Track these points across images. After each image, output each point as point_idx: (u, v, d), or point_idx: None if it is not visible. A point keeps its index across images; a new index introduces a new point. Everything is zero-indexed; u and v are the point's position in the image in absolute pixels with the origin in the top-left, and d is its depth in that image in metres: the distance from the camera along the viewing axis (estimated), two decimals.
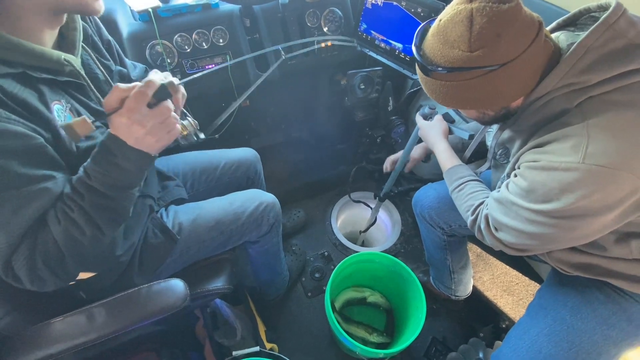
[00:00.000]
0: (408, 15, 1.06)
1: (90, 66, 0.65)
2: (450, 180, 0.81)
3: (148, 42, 1.03)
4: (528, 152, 0.58)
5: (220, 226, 0.86)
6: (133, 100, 0.51)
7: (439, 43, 0.53)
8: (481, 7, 0.48)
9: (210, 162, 1.03)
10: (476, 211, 0.71)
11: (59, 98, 0.56)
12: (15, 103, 0.48)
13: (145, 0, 1.02)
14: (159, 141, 0.55)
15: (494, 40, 0.49)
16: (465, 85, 0.54)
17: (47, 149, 0.51)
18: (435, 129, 0.91)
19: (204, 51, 1.10)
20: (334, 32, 1.23)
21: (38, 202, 0.50)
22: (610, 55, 0.50)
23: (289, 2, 1.14)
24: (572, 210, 0.51)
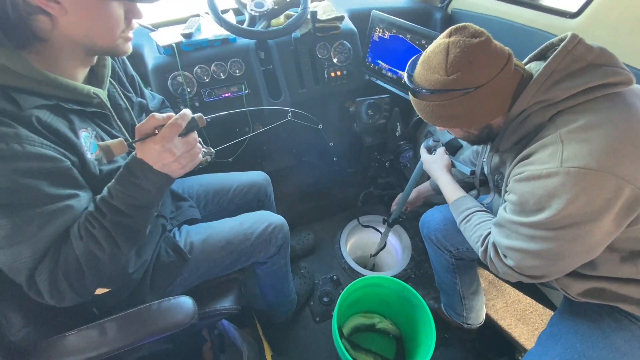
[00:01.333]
0: (412, 46, 1.12)
1: (115, 98, 0.71)
2: (457, 212, 0.83)
3: (170, 73, 1.12)
4: (515, 166, 0.63)
5: (230, 246, 0.89)
6: (168, 129, 0.55)
7: (424, 69, 0.63)
8: (456, 40, 0.58)
9: (223, 185, 1.08)
10: (485, 241, 0.72)
11: (86, 126, 0.62)
12: (48, 130, 0.53)
13: (170, 36, 1.12)
14: (183, 168, 0.60)
15: (467, 67, 0.58)
16: (446, 105, 0.62)
17: (73, 171, 0.56)
18: (438, 163, 0.95)
19: (222, 81, 1.18)
20: (343, 63, 1.30)
21: (62, 219, 0.54)
22: (573, 75, 0.58)
23: (300, 36, 1.23)
24: (565, 217, 0.54)
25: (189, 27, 1.15)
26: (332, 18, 1.22)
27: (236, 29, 1.06)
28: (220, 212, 1.06)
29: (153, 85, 1.13)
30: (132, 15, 0.59)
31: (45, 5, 0.49)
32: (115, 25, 0.57)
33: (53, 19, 0.52)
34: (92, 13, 0.54)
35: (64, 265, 0.54)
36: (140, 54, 1.18)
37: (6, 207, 0.49)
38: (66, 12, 0.51)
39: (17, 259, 0.52)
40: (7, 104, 0.49)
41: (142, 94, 0.87)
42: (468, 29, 0.59)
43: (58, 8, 0.50)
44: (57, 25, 0.53)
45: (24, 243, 0.51)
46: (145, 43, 1.19)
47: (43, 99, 0.54)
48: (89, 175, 0.60)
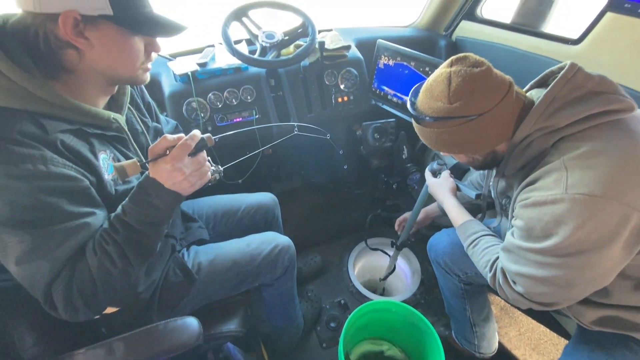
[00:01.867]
0: (417, 73, 1.16)
1: (132, 122, 0.76)
2: (464, 236, 0.83)
3: (185, 100, 1.18)
4: (521, 192, 0.64)
5: (237, 267, 0.90)
6: (178, 150, 0.58)
7: (427, 97, 0.64)
8: (457, 70, 0.60)
9: (232, 206, 1.10)
10: (493, 266, 0.72)
11: (105, 149, 0.66)
12: (70, 152, 0.57)
13: (186, 65, 1.19)
14: (192, 186, 0.63)
15: (469, 95, 0.59)
16: (449, 132, 0.63)
17: (91, 191, 0.59)
18: (443, 186, 0.96)
19: (234, 107, 1.24)
20: (350, 89, 1.35)
21: (80, 235, 0.57)
22: (574, 102, 0.59)
23: (309, 64, 1.28)
24: (573, 244, 0.54)
25: (204, 57, 1.22)
26: (339, 47, 1.28)
27: (248, 59, 1.12)
28: (229, 233, 1.08)
29: (169, 110, 1.20)
30: (152, 48, 0.65)
31: (74, 41, 0.54)
32: (136, 58, 0.62)
33: (80, 52, 0.57)
34: (116, 47, 0.58)
35: (79, 281, 0.56)
36: (158, 81, 1.25)
37: (29, 224, 0.52)
38: (93, 46, 0.56)
39: (36, 274, 0.54)
40: (35, 128, 0.53)
41: (157, 119, 0.92)
42: (469, 58, 0.62)
43: (86, 43, 0.55)
44: (83, 59, 0.58)
45: (43, 258, 0.54)
46: (162, 71, 1.26)
47: (67, 124, 0.58)
48: (105, 195, 0.63)
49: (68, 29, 0.53)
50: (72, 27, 0.53)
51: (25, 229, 0.52)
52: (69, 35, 0.53)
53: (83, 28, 0.54)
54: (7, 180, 0.50)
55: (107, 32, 0.56)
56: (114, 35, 0.57)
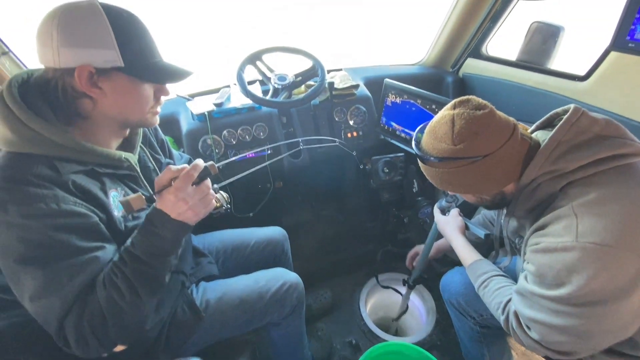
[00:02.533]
0: (424, 110, 1.19)
1: (144, 161, 0.80)
2: (474, 277, 0.81)
3: (201, 137, 1.23)
4: (531, 236, 0.63)
5: (244, 305, 0.89)
6: (181, 180, 0.60)
7: (431, 138, 0.65)
8: (460, 112, 0.62)
9: (241, 240, 1.11)
10: (506, 309, 0.69)
11: (116, 187, 0.69)
12: (81, 192, 0.60)
13: (203, 105, 1.27)
14: (196, 215, 0.64)
15: (473, 137, 0.60)
16: (455, 172, 0.63)
17: (100, 226, 0.62)
18: (451, 224, 0.95)
19: (247, 143, 1.29)
20: (359, 125, 1.39)
21: (89, 269, 0.58)
22: (580, 146, 0.59)
23: (319, 103, 1.34)
24: (588, 294, 0.52)
25: (220, 97, 1.30)
26: (348, 86, 1.33)
27: (261, 100, 1.18)
28: (238, 268, 1.08)
29: (185, 146, 1.25)
30: (161, 93, 0.70)
31: (89, 91, 0.60)
32: (146, 104, 0.67)
33: (94, 101, 0.62)
34: (127, 95, 0.63)
35: (89, 315, 0.57)
36: (177, 119, 1.32)
37: (41, 260, 0.55)
38: (106, 95, 0.61)
39: (49, 310, 0.56)
40: (49, 171, 0.57)
41: (170, 155, 0.96)
42: (472, 101, 0.63)
43: (99, 92, 0.60)
44: (97, 106, 0.63)
45: (55, 294, 0.55)
46: (181, 110, 1.34)
47: (80, 165, 0.62)
48: (115, 231, 0.65)
49: (83, 81, 0.58)
50: (87, 79, 0.58)
51: (37, 265, 0.54)
52: (84, 86, 0.59)
53: (97, 79, 0.59)
54: (21, 219, 0.53)
55: (118, 82, 0.61)
56: (125, 84, 0.62)
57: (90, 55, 0.57)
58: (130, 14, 0.62)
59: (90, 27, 0.57)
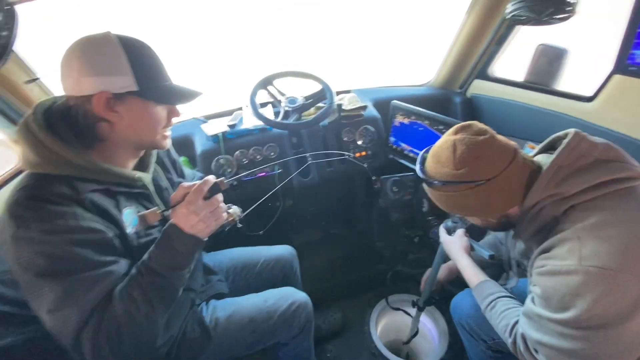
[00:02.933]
0: (431, 131, 1.21)
1: (157, 180, 0.84)
2: (480, 297, 0.81)
3: (215, 156, 1.28)
4: (537, 258, 0.63)
5: (253, 324, 0.89)
6: (192, 194, 0.65)
7: (434, 162, 0.67)
8: (461, 138, 0.64)
9: (251, 259, 1.13)
10: (513, 331, 0.69)
11: (130, 204, 0.73)
12: (97, 209, 0.64)
13: (217, 127, 1.32)
14: (208, 227, 0.67)
15: (474, 162, 0.62)
16: (458, 196, 0.65)
17: (115, 242, 0.65)
18: (456, 245, 0.95)
19: (258, 162, 1.32)
20: (367, 145, 1.41)
21: (105, 282, 0.61)
22: (581, 170, 0.60)
23: (328, 124, 1.38)
24: (592, 318, 0.53)
25: (233, 119, 1.35)
26: (356, 107, 1.37)
27: (272, 122, 1.23)
28: (248, 286, 1.09)
29: (199, 166, 1.30)
30: (172, 114, 0.74)
31: (106, 115, 0.64)
32: (159, 124, 0.71)
33: (111, 124, 0.66)
34: (141, 116, 0.68)
35: (105, 328, 0.59)
36: (192, 140, 1.38)
37: (59, 273, 0.58)
38: (122, 118, 0.66)
39: (66, 322, 0.58)
40: (68, 189, 0.61)
41: (182, 174, 1.00)
42: (473, 127, 0.65)
43: (116, 116, 0.65)
44: (114, 129, 0.67)
45: (72, 306, 0.58)
46: (196, 132, 1.40)
47: (97, 185, 0.66)
48: (128, 246, 0.69)
49: (101, 106, 0.63)
50: (104, 104, 0.63)
51: (56, 278, 0.57)
52: (102, 111, 0.63)
53: (114, 104, 0.64)
54: (42, 235, 0.57)
55: (133, 105, 0.66)
56: (140, 106, 0.67)
57: (108, 82, 0.62)
58: (141, 42, 0.68)
59: (106, 56, 0.62)
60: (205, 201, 0.66)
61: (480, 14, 1.36)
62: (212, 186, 0.67)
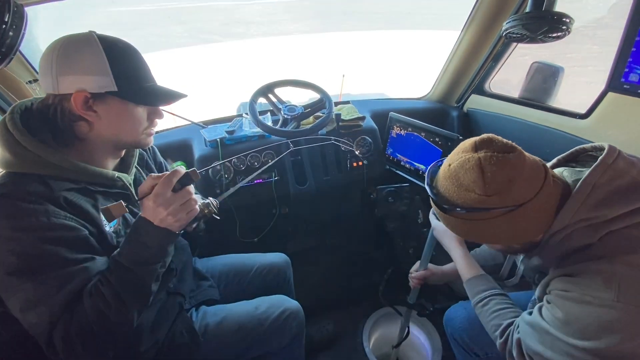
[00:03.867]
0: (427, 143, 1.22)
1: (140, 180, 0.83)
2: (472, 292, 0.78)
3: (212, 162, 1.28)
4: (558, 278, 0.59)
5: (244, 331, 0.88)
6: (160, 186, 0.62)
7: (453, 186, 0.57)
8: (488, 156, 0.54)
9: (244, 265, 1.11)
10: (505, 333, 0.67)
11: (109, 204, 0.70)
12: (72, 207, 0.63)
13: (216, 133, 1.33)
14: (178, 220, 0.64)
15: (507, 185, 0.53)
16: (485, 224, 0.56)
17: (90, 240, 0.64)
18: (449, 232, 0.87)
19: (255, 169, 1.33)
20: (365, 155, 1.42)
21: (77, 280, 0.60)
22: (619, 192, 0.54)
23: (326, 133, 1.39)
24: (616, 353, 0.50)
25: (232, 126, 1.37)
26: (354, 118, 1.39)
27: (271, 130, 1.24)
28: (240, 293, 1.07)
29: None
30: (155, 116, 0.73)
31: (84, 114, 0.64)
32: (139, 125, 0.71)
33: (90, 124, 0.66)
34: (121, 117, 0.67)
35: (77, 324, 0.58)
36: (190, 145, 1.39)
37: (30, 271, 0.57)
38: (100, 118, 0.65)
39: (38, 320, 0.57)
40: (41, 187, 0.60)
41: None
42: (495, 142, 0.56)
43: (94, 116, 0.64)
44: (93, 128, 0.66)
45: (44, 304, 0.57)
46: (195, 137, 1.41)
47: (72, 184, 0.65)
48: (107, 246, 0.67)
49: (79, 105, 0.62)
50: (82, 103, 0.62)
51: (27, 276, 0.57)
52: (80, 110, 0.63)
53: (92, 103, 0.63)
54: (13, 232, 0.56)
55: (112, 105, 0.65)
56: (119, 107, 0.66)
57: (86, 81, 0.62)
58: (124, 42, 0.67)
59: (86, 56, 0.62)
60: (175, 193, 0.63)
61: (477, 31, 1.39)
62: (182, 177, 0.63)
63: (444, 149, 1.21)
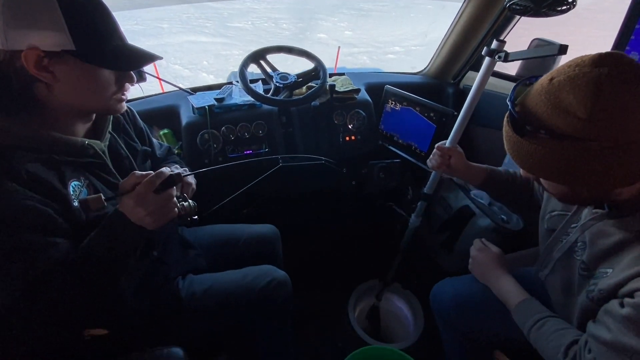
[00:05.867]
0: (422, 118, 1.20)
1: (116, 147, 0.78)
2: (525, 315, 0.72)
3: (200, 131, 1.24)
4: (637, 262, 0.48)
5: (230, 300, 0.88)
6: (142, 187, 0.60)
7: (548, 104, 0.47)
8: (612, 74, 0.43)
9: (232, 235, 1.11)
10: (568, 352, 0.60)
11: (78, 176, 0.65)
12: (35, 181, 0.57)
13: (204, 100, 1.28)
14: (156, 221, 0.63)
15: (622, 115, 0.43)
16: (568, 157, 0.46)
17: (55, 221, 0.59)
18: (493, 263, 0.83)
19: (245, 140, 1.29)
20: (358, 129, 1.40)
21: (40, 264, 0.57)
22: None
23: (319, 105, 1.35)
24: None
25: (222, 93, 1.31)
26: (349, 90, 1.35)
27: (262, 98, 1.20)
28: (228, 263, 1.07)
29: (184, 140, 1.26)
30: (124, 80, 0.66)
31: (38, 75, 0.56)
32: (104, 91, 0.64)
33: (48, 86, 0.58)
34: (82, 81, 0.60)
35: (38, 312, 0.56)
36: (177, 112, 1.33)
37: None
38: (58, 80, 0.58)
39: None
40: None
41: (150, 144, 0.94)
42: (623, 60, 0.44)
43: (51, 77, 0.57)
44: (52, 91, 0.59)
45: (4, 291, 0.54)
46: (182, 103, 1.35)
47: (36, 153, 0.59)
48: (74, 222, 0.62)
49: (31, 65, 0.55)
50: (34, 62, 0.55)
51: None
52: (32, 70, 0.55)
53: (47, 63, 0.56)
54: None
55: (72, 67, 0.58)
56: (80, 69, 0.59)
57: (37, 37, 0.54)
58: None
59: (36, 7, 0.54)
60: (156, 195, 0.61)
61: (480, 3, 1.34)
62: (165, 179, 0.63)
63: (439, 124, 1.19)
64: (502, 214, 1.25)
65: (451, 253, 1.36)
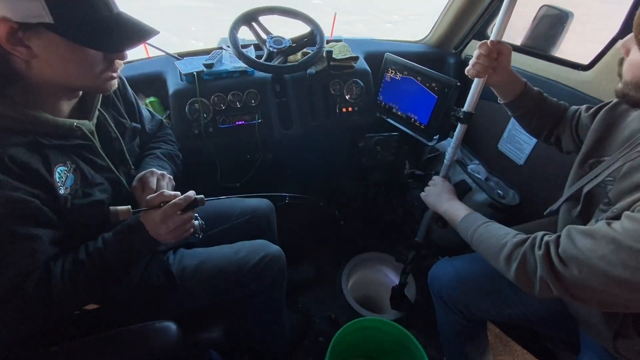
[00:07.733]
0: (423, 88, 1.15)
1: (105, 126, 0.72)
2: (469, 223, 0.75)
3: (189, 99, 1.17)
4: None
5: (223, 275, 0.87)
6: (171, 207, 0.64)
7: None
8: None
9: (226, 209, 1.08)
10: (520, 235, 0.61)
11: (65, 160, 0.60)
12: (20, 168, 0.53)
13: (192, 66, 1.19)
14: (173, 239, 0.68)
15: None
16: None
17: (41, 210, 0.55)
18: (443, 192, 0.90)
19: (237, 110, 1.23)
20: (355, 100, 1.34)
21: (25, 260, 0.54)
22: None
23: (315, 73, 1.28)
24: None
25: (211, 58, 1.22)
26: (346, 58, 1.28)
27: (254, 63, 1.12)
28: (221, 238, 1.05)
29: (172, 109, 1.19)
30: (114, 56, 0.59)
31: (12, 50, 0.50)
32: (90, 68, 0.57)
33: (26, 61, 0.52)
34: (63, 58, 0.53)
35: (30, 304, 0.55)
36: (164, 79, 1.25)
37: None
38: (36, 56, 0.52)
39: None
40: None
41: (140, 119, 0.88)
42: None
43: (27, 52, 0.51)
44: (30, 67, 0.53)
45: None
46: (169, 70, 1.26)
47: (20, 136, 0.54)
48: (59, 209, 0.59)
49: (3, 38, 0.49)
50: (7, 35, 0.48)
51: None
52: (5, 44, 0.49)
53: (22, 36, 0.49)
54: None
55: (50, 41, 0.51)
56: (60, 46, 0.52)
57: (8, 6, 0.47)
58: None
59: None
60: (180, 215, 0.66)
61: None
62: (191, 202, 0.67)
63: (440, 95, 1.14)
64: (499, 189, 1.24)
65: (445, 228, 1.36)
